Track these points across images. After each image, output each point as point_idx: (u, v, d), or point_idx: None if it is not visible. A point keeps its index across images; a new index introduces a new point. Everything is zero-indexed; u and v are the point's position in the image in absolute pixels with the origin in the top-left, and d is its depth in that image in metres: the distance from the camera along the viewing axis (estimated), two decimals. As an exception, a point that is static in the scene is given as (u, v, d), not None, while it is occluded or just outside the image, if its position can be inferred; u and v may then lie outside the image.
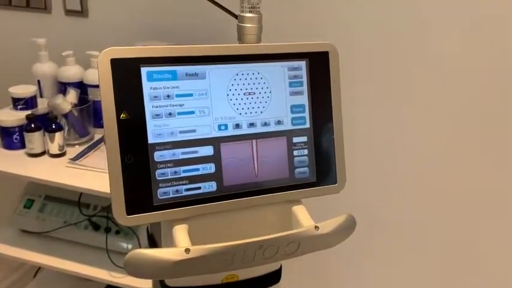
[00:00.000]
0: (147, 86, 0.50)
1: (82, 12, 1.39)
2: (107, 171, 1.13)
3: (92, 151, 1.22)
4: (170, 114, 0.51)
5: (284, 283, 0.65)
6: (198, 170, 0.52)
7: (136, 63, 0.49)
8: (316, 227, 0.50)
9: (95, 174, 1.11)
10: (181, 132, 0.51)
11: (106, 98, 0.48)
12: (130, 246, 1.21)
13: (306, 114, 0.57)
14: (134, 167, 0.49)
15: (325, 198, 0.58)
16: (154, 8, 1.34)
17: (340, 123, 0.58)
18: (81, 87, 1.31)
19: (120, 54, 0.48)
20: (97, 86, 1.30)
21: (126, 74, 0.49)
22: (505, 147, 1.13)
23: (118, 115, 0.48)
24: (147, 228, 0.70)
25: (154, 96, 0.50)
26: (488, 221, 1.21)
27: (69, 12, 1.41)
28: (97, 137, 1.30)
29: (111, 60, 0.48)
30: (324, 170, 0.57)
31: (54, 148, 1.18)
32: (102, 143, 1.27)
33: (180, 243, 0.48)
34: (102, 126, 1.31)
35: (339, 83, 0.57)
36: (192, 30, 1.32)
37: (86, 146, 1.24)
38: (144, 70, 0.49)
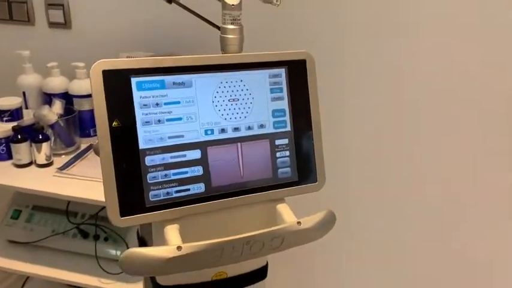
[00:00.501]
0: (137, 95, 0.53)
1: (65, 24, 1.42)
2: (95, 180, 1.15)
3: (79, 160, 1.24)
4: (159, 121, 0.54)
5: (269, 279, 0.69)
6: (186, 172, 0.55)
7: (127, 74, 0.52)
8: (299, 223, 0.54)
9: (83, 182, 1.13)
10: (170, 137, 0.55)
11: (98, 107, 0.51)
12: (119, 253, 1.22)
13: (287, 118, 0.60)
14: (126, 171, 0.52)
15: (312, 196, 0.61)
16: (137, 19, 1.37)
17: (319, 126, 0.61)
18: (66, 97, 1.33)
19: (111, 65, 0.51)
20: (82, 97, 1.33)
21: (117, 84, 0.52)
22: (489, 148, 1.19)
23: (110, 123, 0.51)
24: (137, 231, 0.73)
25: (144, 105, 0.53)
26: (476, 224, 1.26)
27: (52, 25, 1.42)
28: (83, 146, 1.32)
29: (102, 71, 0.51)
30: (305, 169, 0.61)
31: (41, 158, 1.20)
32: (89, 152, 1.29)
33: (172, 242, 0.52)
34: (88, 136, 1.34)
35: (316, 88, 0.61)
36: (175, 40, 1.35)
37: (72, 155, 1.26)
38: (134, 80, 0.53)
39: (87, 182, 1.13)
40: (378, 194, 1.32)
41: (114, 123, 0.52)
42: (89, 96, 1.33)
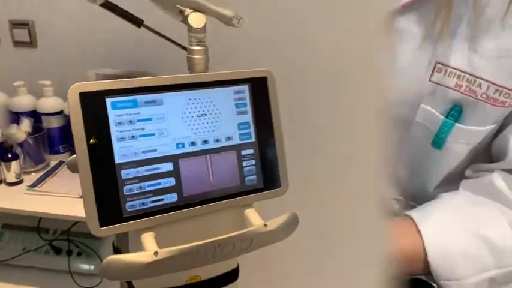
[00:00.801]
0: (112, 114, 0.57)
1: (31, 43, 1.43)
2: (67, 195, 1.17)
3: (50, 177, 1.26)
4: (133, 137, 0.58)
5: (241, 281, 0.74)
6: (160, 184, 0.60)
7: (102, 95, 0.56)
8: (265, 225, 0.59)
9: (55, 198, 1.15)
10: (143, 152, 0.59)
11: (76, 126, 0.55)
12: (92, 267, 1.25)
13: (251, 130, 0.66)
14: (104, 185, 0.56)
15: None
16: (103, 37, 1.40)
17: (281, 136, 0.67)
18: (34, 115, 1.34)
19: (87, 88, 0.55)
20: (50, 114, 1.34)
21: (93, 104, 0.56)
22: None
23: (88, 140, 0.55)
24: (113, 242, 0.76)
25: (119, 123, 0.57)
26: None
27: (17, 44, 1.44)
28: (53, 163, 1.34)
29: (79, 93, 0.55)
30: (270, 176, 0.66)
31: (11, 177, 1.21)
32: (59, 168, 1.31)
33: (149, 248, 0.56)
34: (57, 153, 1.36)
35: (277, 101, 0.67)
36: (141, 57, 1.39)
37: (42, 172, 1.28)
38: (109, 100, 0.57)
39: (59, 198, 1.15)
40: (339, 198, 1.39)
41: (91, 141, 0.56)
42: (57, 113, 1.35)
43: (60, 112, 1.33)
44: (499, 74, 0.70)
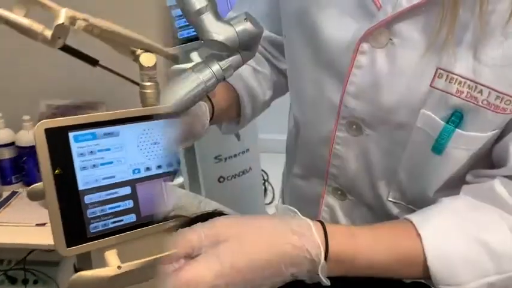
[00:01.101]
0: (74, 146, 0.64)
1: (-20, 77, 1.45)
2: (21, 225, 1.20)
3: (3, 208, 1.28)
4: (94, 165, 0.66)
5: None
6: (119, 206, 0.67)
7: (65, 129, 0.63)
8: (216, 236, 0.68)
9: (9, 228, 1.17)
10: (103, 178, 0.66)
11: (42, 159, 0.61)
12: (50, 294, 1.27)
13: (200, 154, 0.75)
14: (69, 210, 0.63)
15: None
16: (53, 69, 1.45)
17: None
18: (-15, 148, 1.36)
19: (52, 124, 0.62)
20: (2, 146, 1.37)
21: (57, 139, 0.63)
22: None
23: (53, 171, 0.62)
24: (74, 265, 0.82)
25: (81, 153, 0.65)
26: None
27: (-34, 77, 1.45)
28: (5, 194, 1.35)
29: (45, 129, 0.62)
30: (218, 194, 0.75)
31: (-37, 209, 1.22)
32: (12, 199, 1.33)
33: (112, 263, 0.63)
34: (9, 183, 1.38)
35: (222, 128, 0.77)
36: (90, 88, 1.44)
37: (-5, 203, 1.29)
38: (71, 134, 0.64)
39: (14, 227, 1.17)
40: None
41: (57, 171, 0.62)
42: (9, 145, 1.38)
43: (12, 143, 1.36)
44: (500, 81, 0.69)
